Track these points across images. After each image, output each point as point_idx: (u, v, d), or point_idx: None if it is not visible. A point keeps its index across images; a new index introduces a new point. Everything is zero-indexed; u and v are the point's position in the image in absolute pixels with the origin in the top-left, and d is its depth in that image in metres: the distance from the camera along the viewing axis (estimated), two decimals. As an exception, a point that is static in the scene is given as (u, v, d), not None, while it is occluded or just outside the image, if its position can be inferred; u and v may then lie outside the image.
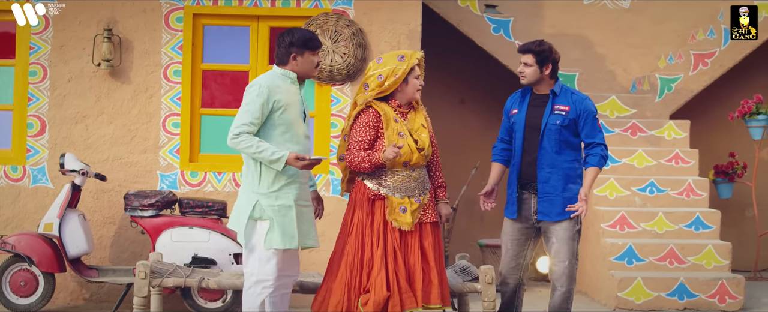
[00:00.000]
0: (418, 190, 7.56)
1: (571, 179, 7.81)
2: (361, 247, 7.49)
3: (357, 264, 7.46)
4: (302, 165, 7.14)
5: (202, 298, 9.70)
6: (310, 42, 7.34)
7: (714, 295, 10.40)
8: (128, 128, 10.49)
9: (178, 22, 10.52)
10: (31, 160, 10.45)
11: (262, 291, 7.28)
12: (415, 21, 10.62)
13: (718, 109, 13.31)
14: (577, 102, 7.83)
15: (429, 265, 7.49)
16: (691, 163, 11.76)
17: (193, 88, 10.57)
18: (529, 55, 7.84)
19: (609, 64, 12.77)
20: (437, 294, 7.42)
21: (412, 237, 7.51)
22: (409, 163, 7.49)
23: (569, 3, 12.83)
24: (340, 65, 10.41)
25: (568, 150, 7.82)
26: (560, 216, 7.79)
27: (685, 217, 11.03)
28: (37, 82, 10.47)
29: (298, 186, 7.31)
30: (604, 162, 7.84)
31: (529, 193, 7.89)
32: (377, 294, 7.33)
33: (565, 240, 7.80)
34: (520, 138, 7.90)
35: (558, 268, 7.86)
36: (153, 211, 9.77)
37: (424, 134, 7.57)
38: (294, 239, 7.23)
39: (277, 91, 7.23)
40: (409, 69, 7.53)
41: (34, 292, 9.75)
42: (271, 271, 7.25)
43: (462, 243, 12.63)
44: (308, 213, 7.41)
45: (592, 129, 7.82)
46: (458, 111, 13.37)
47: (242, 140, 7.13)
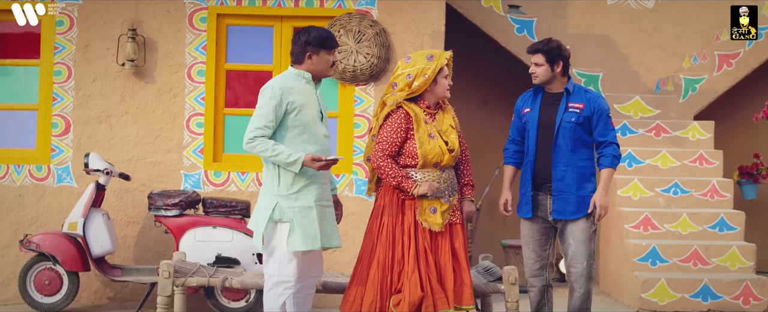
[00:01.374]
0: (448, 192, 7.54)
1: (585, 177, 7.77)
2: (392, 247, 7.46)
3: (389, 264, 7.44)
4: (319, 166, 7.10)
5: (225, 297, 9.72)
6: (326, 41, 7.29)
7: (738, 297, 10.36)
8: (152, 128, 10.51)
9: (201, 22, 10.55)
10: (56, 159, 10.49)
11: (284, 292, 7.26)
12: (438, 21, 10.62)
13: (743, 110, 13.25)
14: (591, 100, 7.81)
15: (461, 266, 7.48)
16: (715, 164, 11.71)
17: (216, 88, 10.59)
18: (538, 55, 7.82)
19: (633, 64, 12.73)
20: (470, 295, 7.41)
21: (443, 238, 7.49)
22: (440, 164, 7.48)
23: (593, 3, 12.80)
24: (364, 65, 10.42)
25: (583, 148, 7.79)
26: (575, 214, 7.75)
27: (709, 219, 10.99)
28: (62, 82, 10.51)
29: (319, 186, 7.28)
30: (618, 162, 7.81)
31: (544, 193, 7.85)
32: (412, 294, 7.31)
33: (583, 241, 7.76)
34: (533, 137, 7.86)
35: (576, 269, 7.81)
36: (177, 210, 9.79)
37: (454, 135, 7.56)
38: (316, 240, 7.19)
39: (290, 93, 7.19)
40: (439, 69, 7.52)
41: (58, 291, 9.79)
42: (292, 272, 7.22)
43: (485, 243, 12.62)
44: (330, 213, 7.37)
45: (606, 127, 7.80)
46: (482, 111, 13.36)
47: (257, 144, 7.11)
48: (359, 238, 7.72)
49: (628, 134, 11.92)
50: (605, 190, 7.73)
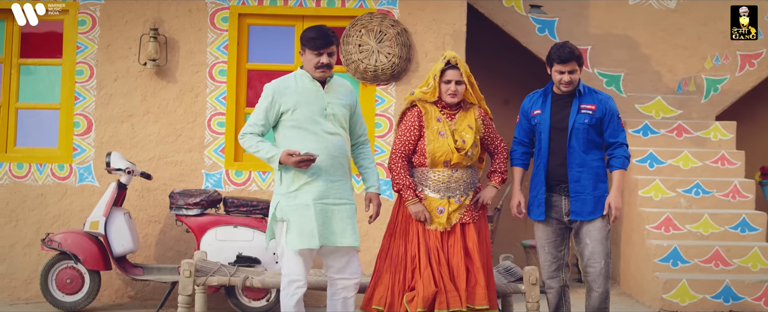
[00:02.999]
0: (460, 191, 7.55)
1: (600, 178, 7.78)
2: (405, 245, 7.50)
3: (401, 261, 7.46)
4: (294, 161, 7.12)
5: (246, 296, 9.73)
6: (310, 41, 7.30)
7: (759, 298, 10.32)
8: (174, 127, 10.54)
9: (223, 22, 10.56)
10: (78, 158, 10.52)
11: (296, 291, 7.27)
12: (460, 21, 10.61)
13: (765, 110, 13.22)
14: (602, 101, 7.82)
15: (474, 266, 7.46)
16: (737, 164, 11.67)
17: (238, 87, 10.61)
18: (572, 63, 7.75)
19: (654, 64, 12.70)
20: (484, 295, 7.38)
21: (454, 238, 7.50)
22: (450, 163, 7.49)
23: (614, 3, 12.78)
24: (385, 65, 10.42)
25: (595, 149, 7.80)
26: (593, 215, 7.74)
27: (730, 219, 10.96)
28: (84, 81, 10.55)
29: (323, 184, 7.27)
30: (628, 163, 7.82)
31: (558, 195, 7.82)
32: (425, 290, 7.32)
33: (600, 240, 7.74)
34: (545, 139, 7.84)
35: (594, 269, 7.79)
36: (198, 209, 9.81)
37: (469, 135, 7.55)
38: (314, 238, 7.17)
39: (284, 93, 7.30)
40: (436, 73, 7.54)
41: (79, 290, 9.82)
42: (299, 270, 7.25)
43: (506, 244, 12.61)
44: (341, 212, 7.33)
45: (616, 128, 7.82)
46: (503, 111, 13.33)
47: (246, 140, 7.32)
48: (381, 237, 7.73)
49: (650, 134, 11.89)
50: (619, 192, 7.75)
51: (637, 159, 11.50)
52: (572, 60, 7.74)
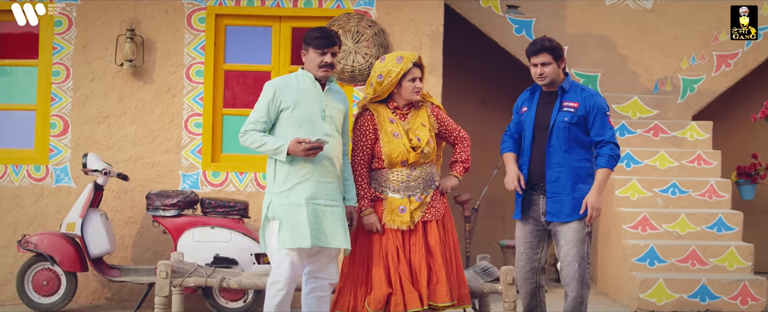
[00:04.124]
0: (420, 189, 7.56)
1: (581, 179, 7.55)
2: (366, 246, 7.53)
3: (363, 264, 7.49)
4: (304, 149, 7.11)
5: (223, 297, 9.72)
6: (314, 40, 7.33)
7: (736, 297, 10.36)
8: (150, 128, 10.52)
9: (200, 23, 10.55)
10: (54, 159, 10.49)
11: (276, 293, 7.26)
12: (437, 21, 10.62)
13: (741, 110, 13.26)
14: (586, 98, 7.58)
15: (436, 263, 7.46)
16: (713, 164, 11.71)
17: (215, 88, 10.59)
18: (544, 54, 7.56)
19: (631, 64, 12.74)
20: (446, 292, 7.39)
21: (416, 236, 7.51)
22: (408, 163, 7.50)
23: (591, 3, 12.81)
24: (362, 65, 10.42)
25: (579, 148, 7.57)
26: (570, 217, 7.54)
27: (707, 219, 10.99)
28: (60, 82, 10.52)
29: (315, 184, 7.27)
30: (615, 162, 7.55)
31: (537, 194, 7.66)
32: (377, 291, 7.35)
33: (575, 242, 7.53)
34: (529, 137, 7.68)
35: (567, 272, 7.59)
36: (175, 210, 9.79)
37: (423, 133, 7.55)
38: (305, 238, 7.16)
39: (286, 90, 7.31)
40: (403, 72, 7.52)
41: (56, 292, 9.79)
42: (284, 272, 7.23)
43: (483, 244, 12.63)
44: (332, 213, 7.32)
45: (602, 126, 7.54)
46: (480, 111, 13.37)
47: (248, 137, 7.29)
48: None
49: (627, 134, 11.93)
50: (598, 191, 7.49)
51: (613, 159, 11.53)
52: (543, 51, 7.56)
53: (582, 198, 7.52)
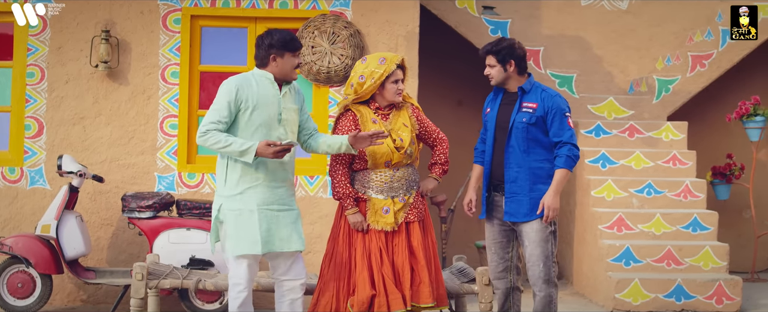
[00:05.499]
0: (403, 190, 7.57)
1: (540, 179, 7.58)
2: (348, 248, 7.53)
3: (345, 265, 7.49)
4: (273, 151, 7.07)
5: (199, 299, 9.70)
6: (290, 43, 7.30)
7: (711, 297, 10.41)
8: (126, 130, 10.49)
9: (175, 24, 10.53)
10: (29, 161, 10.45)
11: (238, 295, 7.29)
12: (412, 22, 10.62)
13: (716, 111, 13.32)
14: (546, 99, 7.63)
15: (419, 264, 7.48)
16: (688, 164, 11.75)
17: (190, 89, 10.57)
18: (490, 57, 7.73)
19: (607, 65, 12.77)
20: (428, 293, 7.42)
21: (399, 237, 7.52)
22: (391, 163, 7.51)
23: (567, 4, 12.85)
24: (338, 66, 10.41)
25: (538, 149, 7.61)
26: (527, 216, 7.58)
27: (682, 219, 11.04)
28: (35, 84, 10.47)
29: (267, 190, 7.26)
30: (573, 163, 7.59)
31: (499, 195, 7.72)
32: (360, 293, 7.36)
33: (538, 242, 7.58)
34: (491, 138, 7.76)
35: (532, 272, 7.62)
36: (150, 212, 9.77)
37: (406, 133, 7.58)
38: (256, 245, 7.17)
39: (247, 91, 7.25)
40: (387, 74, 7.53)
41: (31, 294, 9.75)
42: (243, 274, 7.25)
43: (459, 244, 12.64)
44: (285, 217, 7.32)
45: (561, 127, 7.58)
46: (456, 112, 13.37)
47: (210, 137, 7.16)
48: (330, 240, 7.75)
49: (602, 135, 11.96)
50: (555, 192, 7.53)
51: (589, 159, 11.56)
52: (488, 54, 7.73)
53: (540, 198, 7.56)
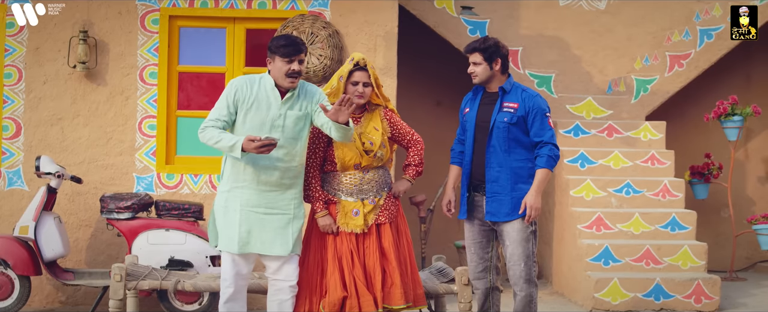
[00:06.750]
0: (373, 192, 7.56)
1: (521, 179, 7.60)
2: (320, 250, 7.51)
3: (317, 267, 7.48)
4: (255, 147, 7.03)
5: (178, 300, 9.68)
6: (280, 48, 7.25)
7: (690, 296, 10.44)
8: (104, 130, 10.46)
9: (154, 24, 10.50)
10: (7, 162, 10.41)
11: (225, 290, 7.36)
12: (391, 23, 10.62)
13: (694, 110, 13.36)
14: (526, 99, 7.64)
15: (390, 266, 7.47)
16: (666, 164, 11.78)
17: (169, 90, 10.54)
18: (476, 54, 7.69)
19: (585, 65, 12.80)
20: (400, 294, 7.40)
21: (370, 239, 7.50)
22: (361, 166, 7.50)
23: (545, 4, 12.87)
24: (317, 67, 10.41)
25: (519, 149, 7.62)
26: (509, 216, 7.59)
27: (661, 218, 11.06)
28: (13, 85, 10.43)
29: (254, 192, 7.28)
30: (554, 162, 7.62)
31: (480, 195, 7.72)
32: (332, 295, 7.35)
33: (519, 242, 7.59)
34: (470, 137, 7.75)
35: (514, 271, 7.63)
36: (129, 213, 9.74)
37: (376, 136, 7.53)
38: (233, 243, 7.23)
39: (245, 92, 7.27)
40: (345, 74, 7.50)
41: (9, 296, 9.70)
42: (227, 269, 7.33)
43: (439, 244, 12.65)
44: (272, 221, 7.32)
45: (541, 127, 7.60)
46: (434, 113, 13.37)
47: (206, 133, 7.21)
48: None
49: (581, 135, 11.98)
50: (537, 191, 7.54)
51: (568, 159, 11.58)
52: (474, 51, 7.69)
53: (522, 197, 7.57)
